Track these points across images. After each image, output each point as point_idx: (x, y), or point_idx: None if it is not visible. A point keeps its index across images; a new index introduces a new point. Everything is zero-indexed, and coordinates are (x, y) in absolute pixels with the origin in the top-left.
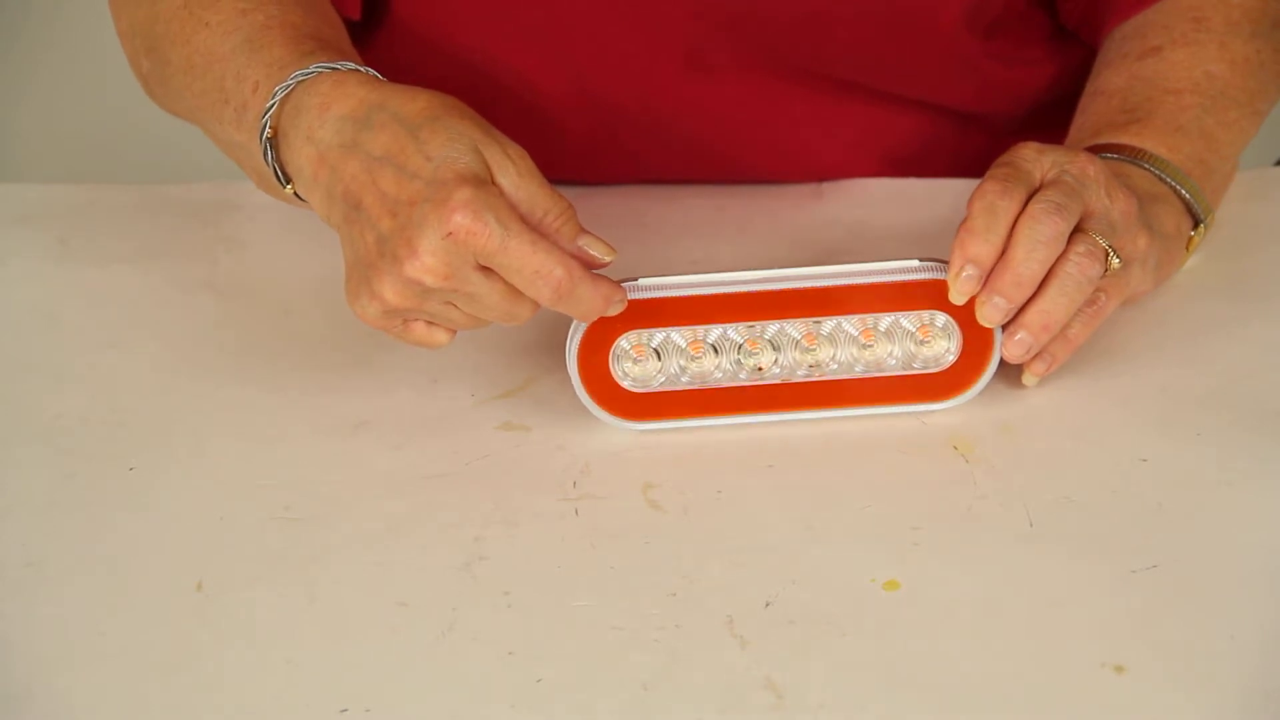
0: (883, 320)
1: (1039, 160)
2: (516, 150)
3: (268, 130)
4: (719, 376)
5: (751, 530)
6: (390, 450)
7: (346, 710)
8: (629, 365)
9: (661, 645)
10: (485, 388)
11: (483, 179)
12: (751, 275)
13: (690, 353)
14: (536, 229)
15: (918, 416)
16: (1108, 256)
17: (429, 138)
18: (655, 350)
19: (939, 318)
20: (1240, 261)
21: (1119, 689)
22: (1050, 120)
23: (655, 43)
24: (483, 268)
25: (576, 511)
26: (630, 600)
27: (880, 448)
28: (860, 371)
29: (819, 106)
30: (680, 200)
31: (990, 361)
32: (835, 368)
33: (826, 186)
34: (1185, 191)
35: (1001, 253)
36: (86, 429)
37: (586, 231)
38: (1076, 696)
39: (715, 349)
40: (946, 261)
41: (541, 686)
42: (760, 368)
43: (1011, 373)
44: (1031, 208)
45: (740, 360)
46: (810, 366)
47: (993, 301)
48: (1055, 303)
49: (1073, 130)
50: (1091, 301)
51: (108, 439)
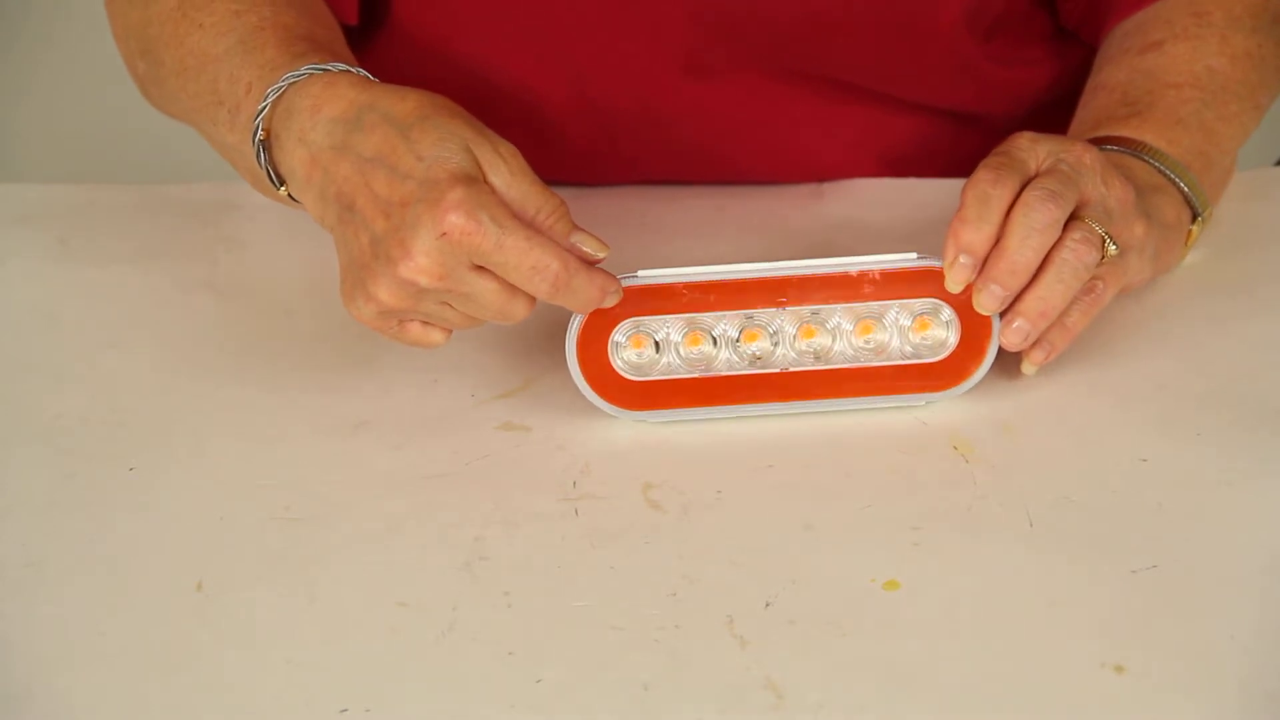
0: (881, 309)
1: (1034, 149)
2: (508, 148)
3: (260, 132)
4: (718, 366)
5: (751, 530)
6: (390, 450)
7: (346, 710)
8: (628, 354)
9: (661, 645)
10: (485, 388)
11: (475, 178)
12: (750, 266)
13: (689, 341)
14: (530, 225)
15: (918, 416)
16: (1104, 244)
17: (420, 137)
18: (654, 339)
19: (937, 307)
20: (1240, 260)
21: (1119, 689)
22: (1050, 121)
23: (654, 46)
24: (477, 267)
25: (576, 511)
26: (630, 600)
27: (880, 448)
28: (859, 360)
29: (818, 109)
30: (680, 201)
31: (989, 350)
32: (834, 356)
33: (826, 186)
34: (1184, 184)
35: (996, 241)
36: (86, 429)
37: (579, 228)
38: (1076, 696)
39: (714, 337)
40: None
41: (541, 686)
42: (759, 356)
43: (1011, 370)
44: (1026, 195)
45: (739, 349)
46: (809, 355)
47: (989, 289)
48: (1052, 289)
49: (1073, 124)
50: (1089, 289)
51: (108, 439)
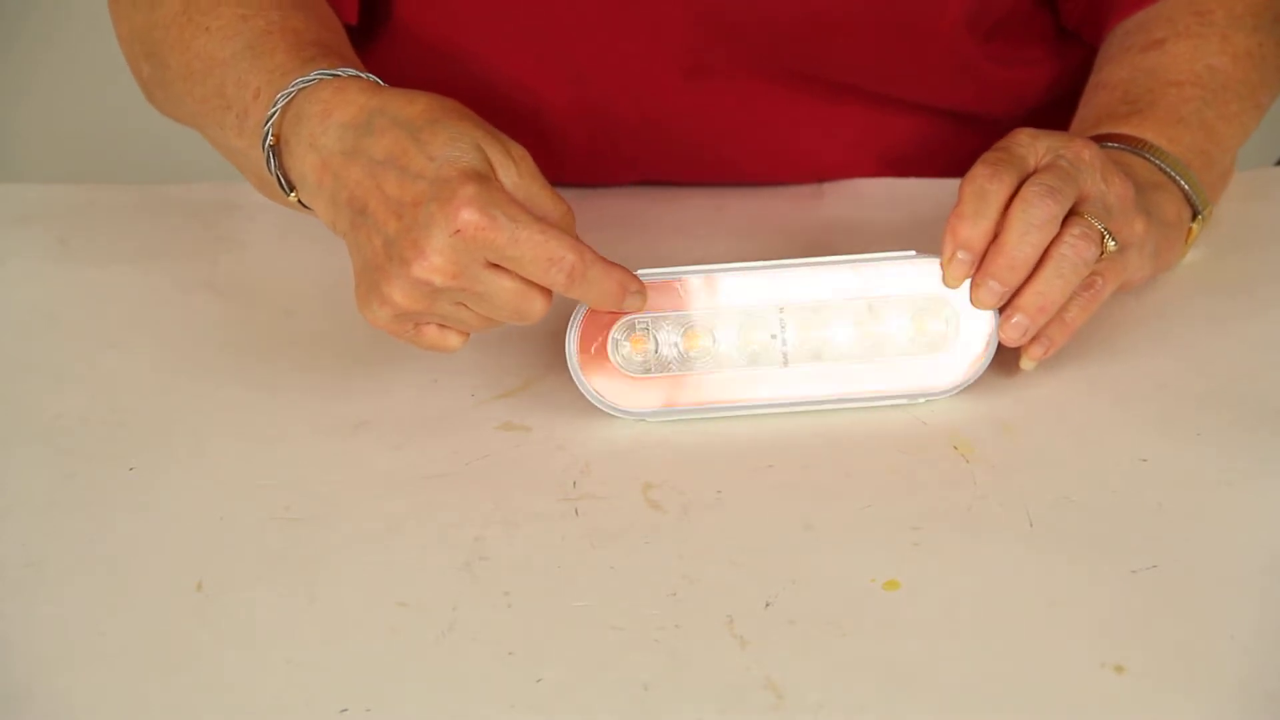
0: (880, 307)
1: (1033, 145)
2: (519, 150)
3: (270, 138)
4: (717, 364)
5: (751, 530)
6: (390, 450)
7: (346, 710)
8: (628, 353)
9: (661, 645)
10: (485, 388)
11: (486, 176)
12: (750, 265)
13: (688, 340)
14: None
15: (918, 416)
16: (1103, 239)
17: (430, 139)
18: (654, 338)
19: (936, 304)
20: (1240, 260)
21: (1119, 689)
22: (1050, 121)
23: (655, 47)
24: (492, 265)
25: (576, 511)
26: (630, 600)
27: (880, 448)
28: (858, 359)
29: (817, 109)
30: (680, 201)
31: (988, 346)
32: (834, 355)
33: (826, 186)
34: (1184, 182)
35: (993, 236)
36: (86, 429)
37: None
38: (1076, 696)
39: (714, 336)
40: None
41: (541, 686)
42: (758, 355)
43: (1011, 367)
44: (1024, 191)
45: (739, 348)
46: (808, 354)
47: (987, 285)
48: (1051, 284)
49: (1075, 121)
50: (1088, 285)
51: (108, 439)
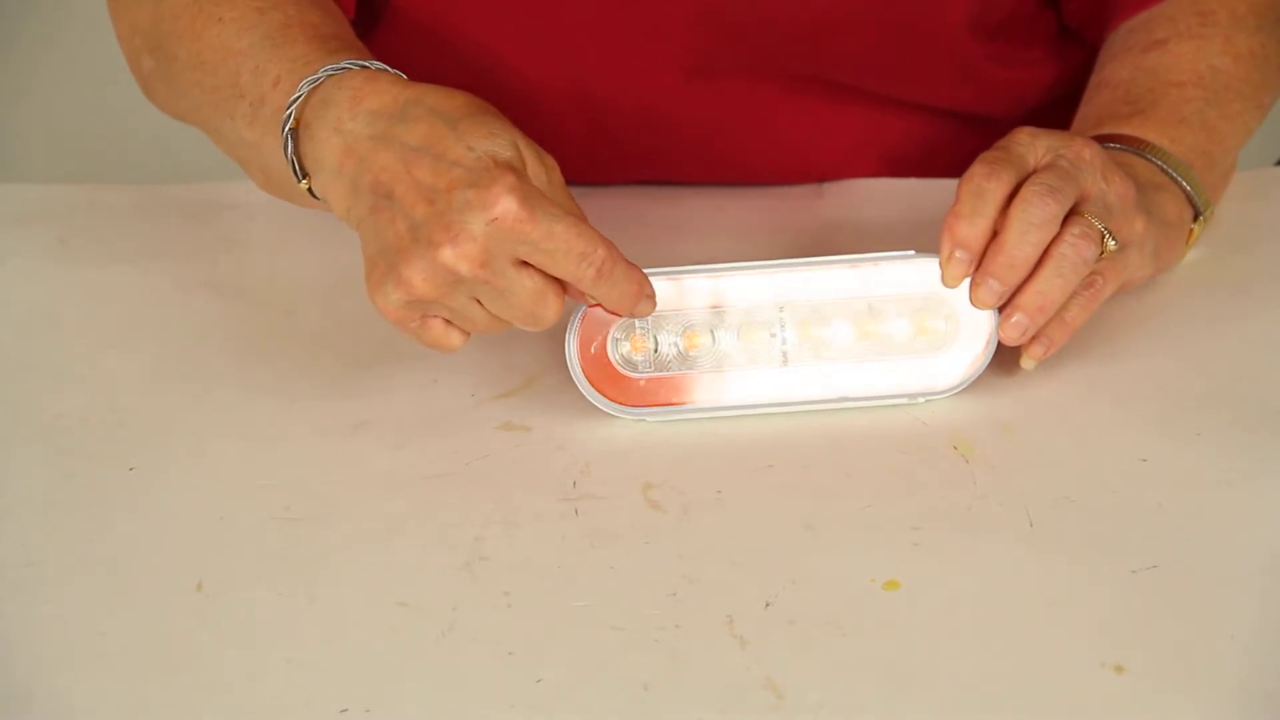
0: (880, 307)
1: (1032, 144)
2: (550, 160)
3: (291, 121)
4: (717, 364)
5: (751, 530)
6: (390, 450)
7: (346, 710)
8: (628, 353)
9: (661, 645)
10: (485, 388)
11: (522, 172)
12: (750, 265)
13: (688, 340)
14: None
15: (918, 416)
16: (1104, 239)
17: (469, 130)
18: (654, 338)
19: (935, 303)
20: (1240, 260)
21: (1119, 689)
22: (1051, 121)
23: (656, 47)
24: (519, 262)
25: (576, 511)
26: (630, 600)
27: (880, 448)
28: (858, 356)
29: (818, 110)
30: (680, 201)
31: (988, 345)
32: (833, 354)
33: (826, 187)
34: (1186, 183)
35: (990, 235)
36: (86, 429)
37: None
38: (1076, 696)
39: (714, 336)
40: None
41: (541, 686)
42: (758, 354)
43: (1011, 367)
44: (1024, 191)
45: (739, 347)
46: (808, 353)
47: (987, 284)
48: (1051, 284)
49: (1076, 121)
50: (1088, 284)
51: (108, 439)
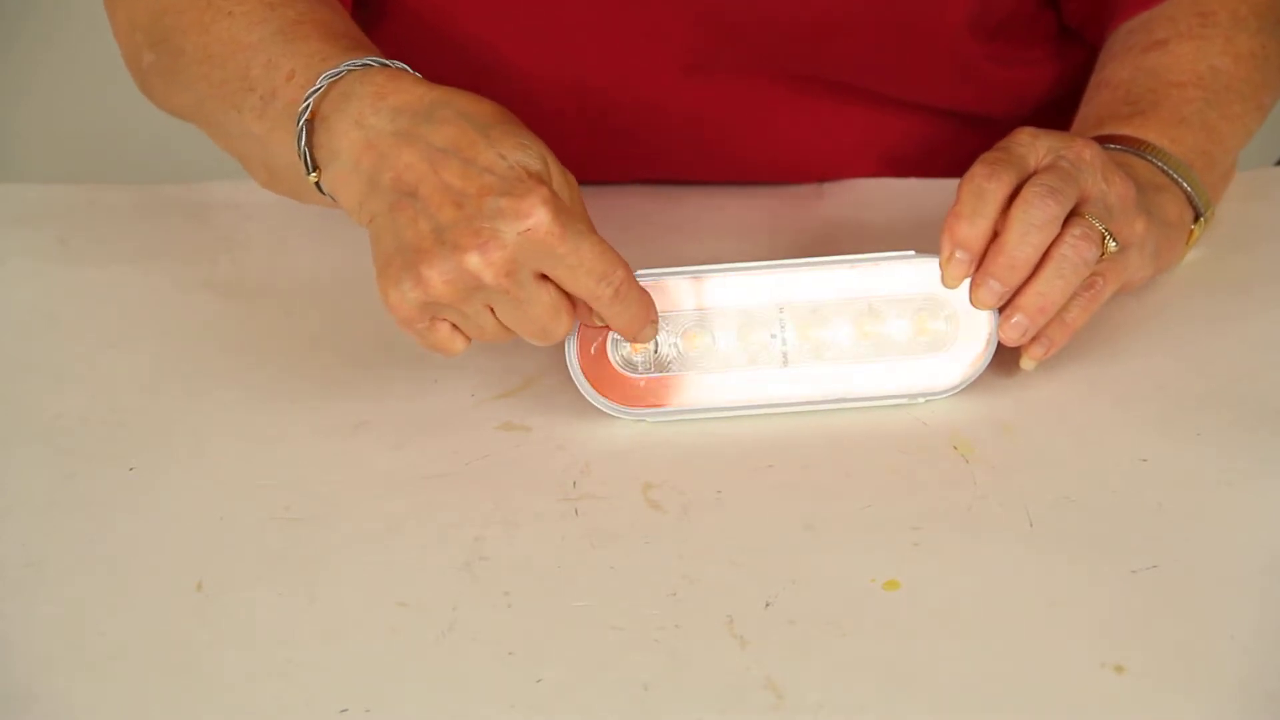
0: (880, 307)
1: (1033, 145)
2: (571, 177)
3: (307, 114)
4: (717, 364)
5: (751, 530)
6: (390, 450)
7: (346, 710)
8: (628, 353)
9: (661, 645)
10: (485, 388)
11: (551, 186)
12: (750, 265)
13: (688, 340)
14: None
15: (918, 416)
16: (1104, 240)
17: (500, 138)
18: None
19: (936, 303)
20: (1240, 260)
21: (1119, 689)
22: (1052, 121)
23: (655, 47)
24: (539, 276)
25: (576, 511)
26: (630, 600)
27: (880, 448)
28: (858, 358)
29: (819, 110)
30: (680, 200)
31: (987, 345)
32: (833, 355)
33: (826, 186)
34: (1186, 183)
35: (990, 235)
36: (86, 429)
37: None
38: (1076, 696)
39: (714, 336)
40: None
41: (541, 686)
42: (758, 354)
43: (1011, 367)
44: (1025, 192)
45: (739, 347)
46: (808, 353)
47: (987, 285)
48: (1051, 285)
49: (1076, 121)
50: (1088, 285)
51: (108, 439)
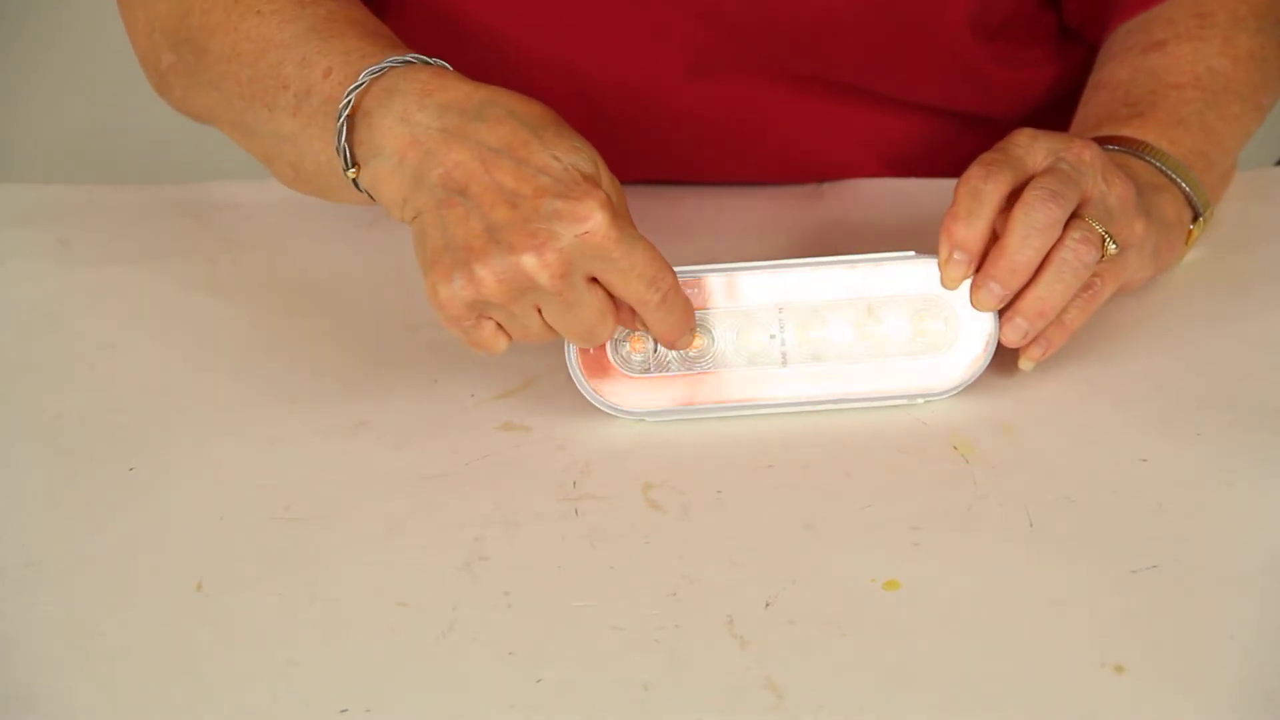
0: (879, 307)
1: (1032, 146)
2: (617, 182)
3: (348, 109)
4: (717, 364)
5: (751, 530)
6: (390, 450)
7: (346, 710)
8: (628, 353)
9: (661, 645)
10: (485, 388)
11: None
12: (750, 265)
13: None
14: None
15: (918, 416)
16: (1104, 242)
17: (554, 140)
18: (654, 338)
19: (935, 304)
20: (1240, 260)
21: (1119, 689)
22: (1052, 121)
23: (657, 47)
24: (590, 278)
25: (576, 511)
26: (630, 600)
27: (880, 448)
28: (858, 359)
29: (820, 110)
30: (680, 200)
31: (987, 347)
32: (833, 355)
33: (826, 187)
34: (1185, 184)
35: (987, 236)
36: (86, 429)
37: None
38: (1076, 696)
39: (713, 336)
40: None
41: (541, 686)
42: (758, 354)
43: (1010, 368)
44: (1026, 195)
45: (738, 347)
46: (808, 354)
47: (988, 287)
48: (1051, 288)
49: (1075, 122)
50: (1088, 286)
51: (108, 439)
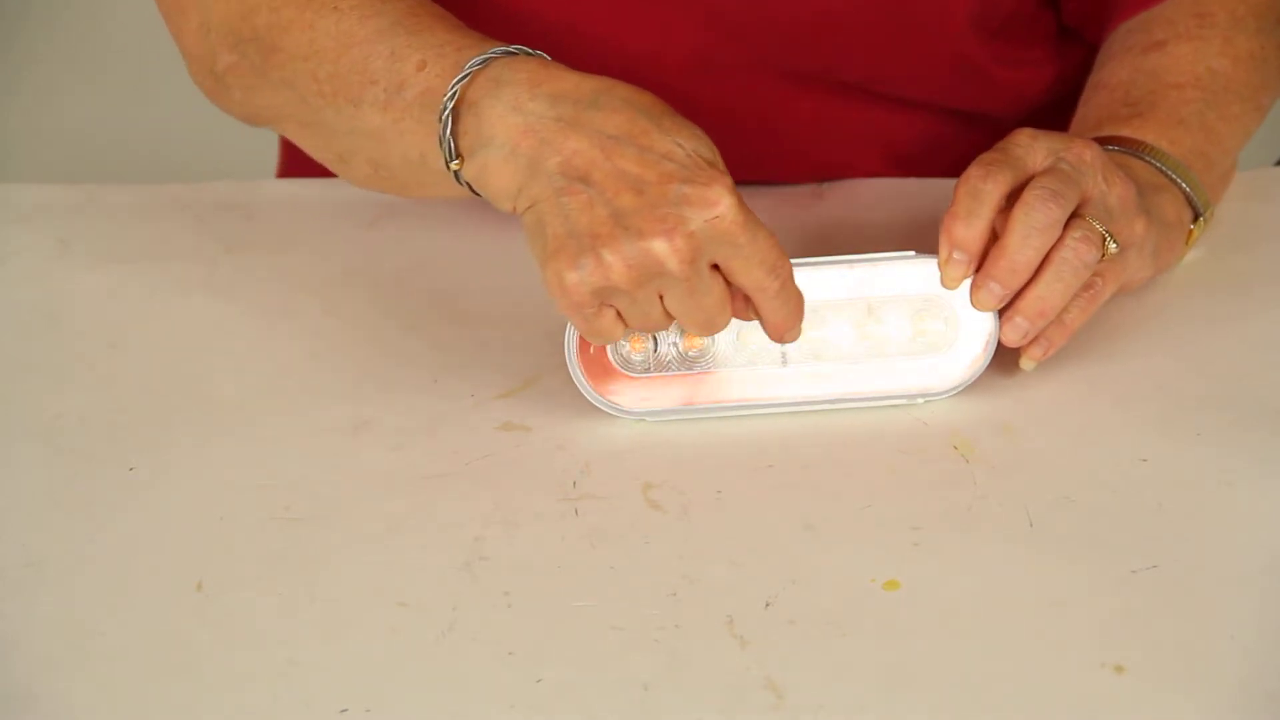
0: (879, 307)
1: (1032, 146)
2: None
3: (453, 102)
4: (717, 364)
5: (751, 530)
6: (390, 450)
7: (346, 710)
8: (628, 353)
9: (661, 645)
10: (485, 388)
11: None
12: None
13: (688, 340)
14: None
15: (918, 416)
16: (1104, 242)
17: (673, 127)
18: (654, 338)
19: (935, 304)
20: (1240, 260)
21: (1119, 689)
22: (1052, 120)
23: (658, 46)
24: (713, 265)
25: (576, 511)
26: (630, 600)
27: (880, 448)
28: (858, 359)
29: (821, 109)
30: None
31: (987, 347)
32: (833, 355)
33: (826, 186)
34: (1185, 184)
35: (987, 235)
36: (86, 429)
37: None
38: (1076, 696)
39: (713, 336)
40: None
41: (541, 686)
42: (758, 354)
43: (1011, 368)
44: (1026, 195)
45: (738, 347)
46: (808, 353)
47: (988, 287)
48: (1051, 288)
49: (1074, 122)
50: (1088, 286)
51: (108, 439)
